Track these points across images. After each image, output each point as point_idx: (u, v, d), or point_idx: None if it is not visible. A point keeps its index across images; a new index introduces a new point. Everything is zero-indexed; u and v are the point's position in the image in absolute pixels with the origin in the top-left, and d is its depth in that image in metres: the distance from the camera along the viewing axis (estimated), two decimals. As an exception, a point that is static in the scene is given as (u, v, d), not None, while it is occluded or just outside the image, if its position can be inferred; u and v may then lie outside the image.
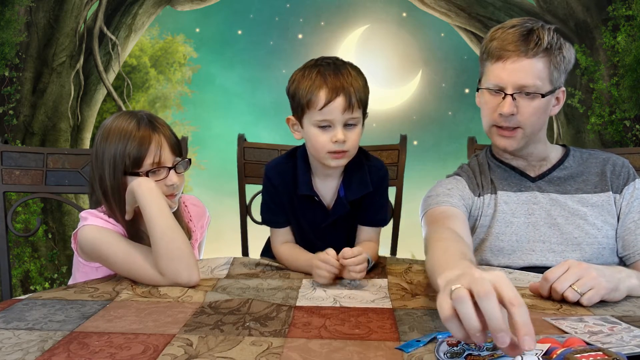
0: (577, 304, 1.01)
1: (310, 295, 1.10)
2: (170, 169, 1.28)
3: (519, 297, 0.65)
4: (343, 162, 1.30)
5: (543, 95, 1.26)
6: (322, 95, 1.23)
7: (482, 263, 1.36)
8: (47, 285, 3.16)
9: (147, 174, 1.25)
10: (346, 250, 1.15)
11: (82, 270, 1.33)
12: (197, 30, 3.25)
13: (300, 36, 3.23)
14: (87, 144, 3.24)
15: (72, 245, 1.30)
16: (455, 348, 0.76)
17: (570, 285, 1.01)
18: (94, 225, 1.23)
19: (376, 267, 1.31)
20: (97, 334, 0.88)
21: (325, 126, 1.25)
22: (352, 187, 1.34)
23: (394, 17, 3.20)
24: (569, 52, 1.29)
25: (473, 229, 1.37)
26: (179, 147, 1.33)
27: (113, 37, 3.21)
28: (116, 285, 1.16)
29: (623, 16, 3.03)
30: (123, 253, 1.20)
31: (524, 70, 1.24)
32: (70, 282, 1.38)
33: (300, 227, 1.40)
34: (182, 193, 1.36)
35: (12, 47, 3.10)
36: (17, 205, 1.61)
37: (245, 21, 3.24)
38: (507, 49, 1.25)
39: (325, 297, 1.09)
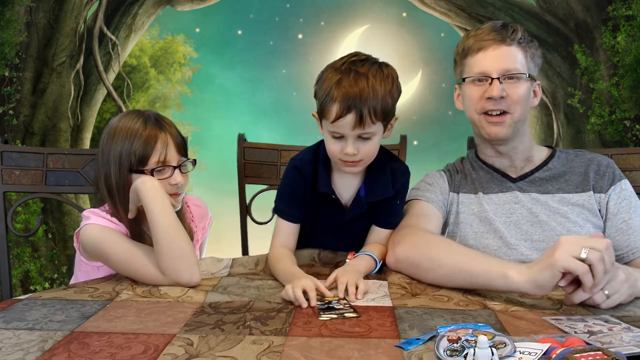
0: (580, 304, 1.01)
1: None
2: (175, 168, 1.29)
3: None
4: (357, 170, 1.28)
5: (527, 77, 1.32)
6: (333, 110, 1.19)
7: None
8: (47, 285, 3.16)
9: (152, 173, 1.26)
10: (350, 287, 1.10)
11: (84, 270, 1.33)
12: (197, 30, 3.25)
13: (300, 36, 3.23)
14: (87, 144, 3.24)
15: (75, 244, 1.30)
16: (455, 345, 0.76)
17: (601, 288, 0.99)
18: (97, 224, 1.23)
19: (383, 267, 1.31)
20: (98, 334, 0.88)
21: (337, 137, 1.22)
22: (374, 188, 1.32)
23: (394, 17, 3.20)
24: (538, 50, 1.37)
25: (447, 223, 1.43)
26: (184, 147, 1.33)
27: (113, 37, 3.21)
28: (116, 285, 1.16)
29: (623, 16, 3.03)
30: (125, 252, 1.20)
31: (505, 55, 1.31)
32: (72, 281, 1.38)
33: (314, 224, 1.38)
34: (185, 193, 1.36)
35: (12, 47, 3.10)
36: (17, 205, 1.61)
37: (245, 21, 3.24)
38: (486, 39, 1.32)
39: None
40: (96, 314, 0.98)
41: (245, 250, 1.84)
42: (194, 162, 1.34)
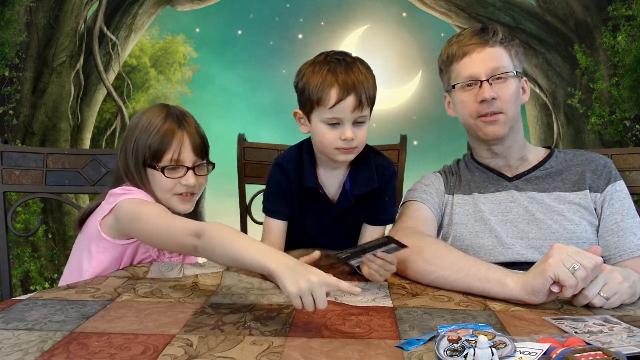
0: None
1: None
2: (189, 169, 1.28)
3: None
4: (351, 157, 1.31)
5: (515, 74, 1.33)
6: (333, 94, 1.22)
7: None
8: (47, 285, 3.16)
9: (163, 170, 1.26)
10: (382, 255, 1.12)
11: (103, 246, 1.28)
12: (197, 30, 3.25)
13: (300, 36, 3.23)
14: (87, 144, 3.24)
15: (97, 226, 1.26)
16: (455, 345, 0.76)
17: (598, 292, 1.00)
18: (134, 198, 1.23)
19: None
20: (97, 334, 0.88)
21: (334, 124, 1.25)
22: (358, 181, 1.35)
23: (394, 17, 3.20)
24: (520, 48, 1.39)
25: (441, 225, 1.43)
26: (203, 148, 1.32)
27: (113, 37, 3.21)
28: (118, 286, 1.16)
29: (623, 16, 3.03)
30: (157, 215, 1.18)
31: (490, 56, 1.33)
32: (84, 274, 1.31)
33: (304, 221, 1.40)
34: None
35: (12, 47, 3.10)
36: (17, 205, 1.61)
37: (245, 21, 3.24)
38: (468, 43, 1.34)
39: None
40: (96, 314, 0.97)
41: (245, 251, 1.84)
42: (213, 165, 1.33)
